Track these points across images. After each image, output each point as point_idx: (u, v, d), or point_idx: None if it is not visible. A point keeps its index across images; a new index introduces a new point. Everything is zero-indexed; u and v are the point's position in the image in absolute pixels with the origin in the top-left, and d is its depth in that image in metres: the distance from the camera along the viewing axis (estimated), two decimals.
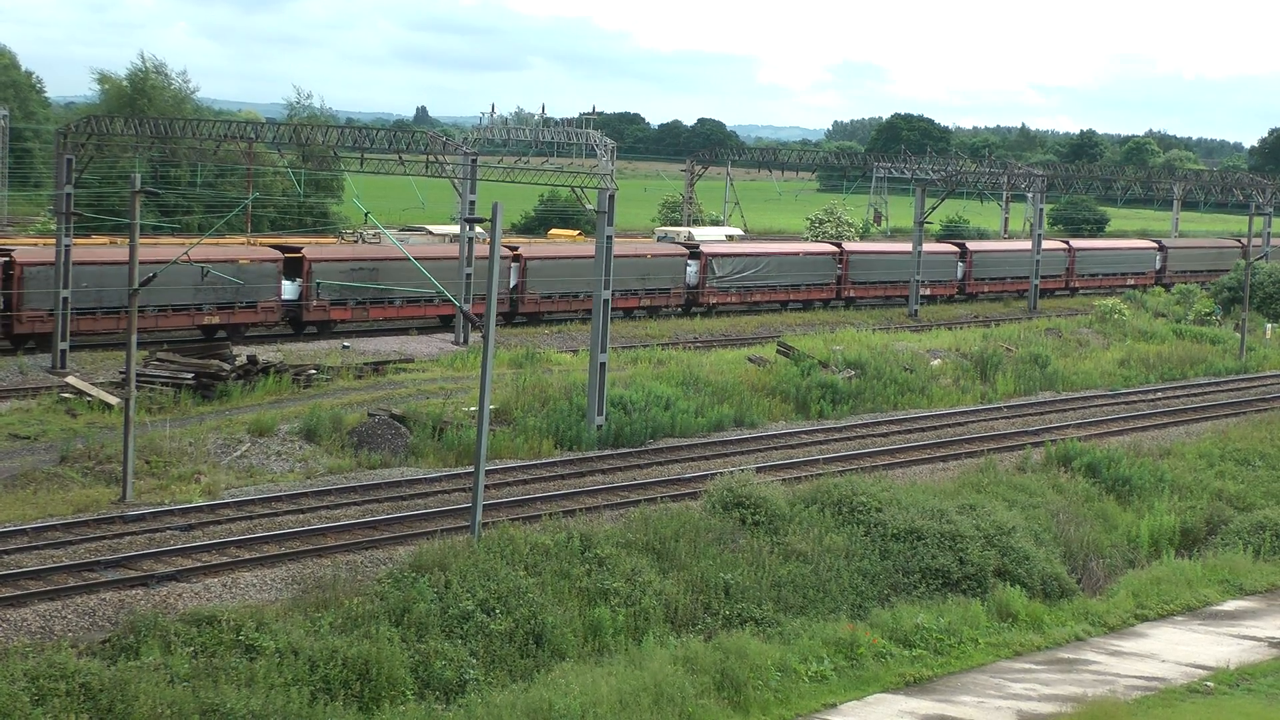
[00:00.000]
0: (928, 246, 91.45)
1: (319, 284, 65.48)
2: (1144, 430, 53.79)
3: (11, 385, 51.87)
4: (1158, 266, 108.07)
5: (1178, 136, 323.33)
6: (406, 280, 64.15)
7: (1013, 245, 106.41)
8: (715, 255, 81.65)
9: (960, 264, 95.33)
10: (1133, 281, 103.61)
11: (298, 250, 67.14)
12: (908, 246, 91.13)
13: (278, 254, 65.77)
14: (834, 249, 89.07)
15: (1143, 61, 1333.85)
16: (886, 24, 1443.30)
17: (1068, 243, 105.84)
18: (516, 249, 74.41)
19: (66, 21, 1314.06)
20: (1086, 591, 38.00)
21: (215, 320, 62.97)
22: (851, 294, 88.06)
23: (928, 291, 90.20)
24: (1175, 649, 33.17)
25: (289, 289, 65.08)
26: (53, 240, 59.35)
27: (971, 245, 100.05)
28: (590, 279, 72.96)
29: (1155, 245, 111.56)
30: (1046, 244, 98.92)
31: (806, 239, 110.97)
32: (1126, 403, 59.86)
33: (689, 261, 80.00)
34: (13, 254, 59.22)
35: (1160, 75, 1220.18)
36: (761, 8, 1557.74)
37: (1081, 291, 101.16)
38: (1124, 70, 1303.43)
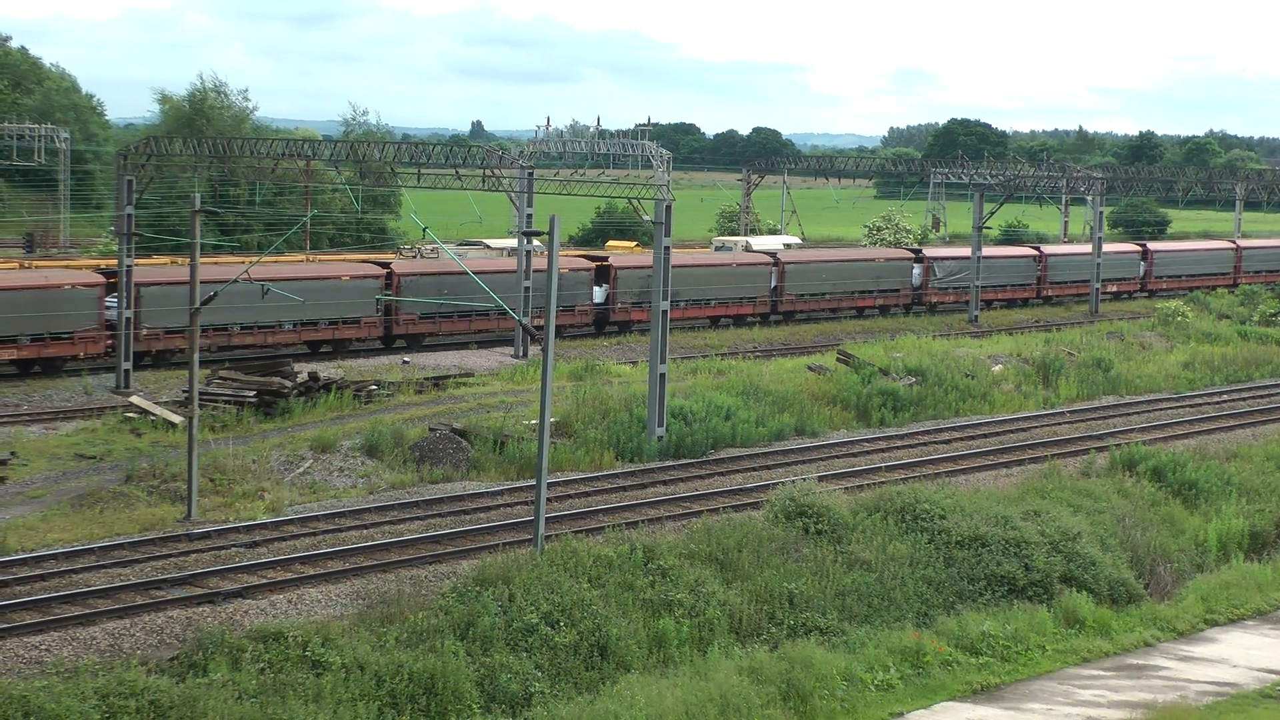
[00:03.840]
0: (1111, 246, 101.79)
1: (622, 289, 74.88)
2: (1210, 433, 53.23)
3: (77, 405, 52.36)
4: None
5: (1239, 136, 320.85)
6: (690, 285, 75.98)
7: (1193, 245, 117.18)
8: (936, 259, 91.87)
9: (1141, 263, 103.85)
10: None
11: (605, 259, 76.84)
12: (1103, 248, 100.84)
13: (589, 263, 75.30)
14: (1034, 252, 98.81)
15: (1202, 61, 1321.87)
16: (940, 29, 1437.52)
17: (1234, 241, 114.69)
18: (774, 256, 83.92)
19: (125, 43, 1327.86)
20: (1154, 597, 37.63)
21: (538, 323, 67.35)
22: (1050, 293, 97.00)
23: (1114, 289, 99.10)
24: (1246, 654, 32.79)
25: (598, 294, 74.56)
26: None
27: (1152, 246, 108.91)
28: (839, 281, 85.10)
29: None
30: (1214, 243, 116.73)
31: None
32: (1191, 405, 59.29)
33: (914, 265, 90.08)
34: (392, 265, 69.45)
35: (1220, 75, 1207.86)
36: (812, 16, 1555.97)
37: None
38: (1183, 70, 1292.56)
